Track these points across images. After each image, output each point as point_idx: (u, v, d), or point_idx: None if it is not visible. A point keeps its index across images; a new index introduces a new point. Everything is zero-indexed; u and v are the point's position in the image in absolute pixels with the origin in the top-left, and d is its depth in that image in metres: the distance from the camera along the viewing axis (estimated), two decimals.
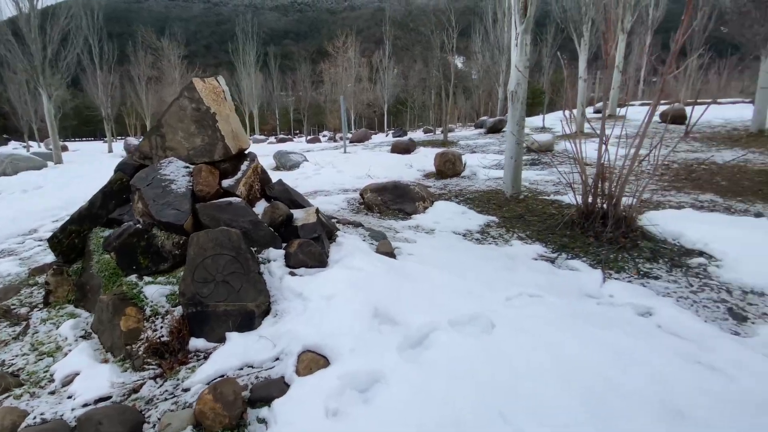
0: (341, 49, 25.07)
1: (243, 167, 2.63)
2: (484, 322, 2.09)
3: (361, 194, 4.92)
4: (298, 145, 17.43)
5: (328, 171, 7.11)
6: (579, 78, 10.66)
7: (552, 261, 3.11)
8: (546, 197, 4.96)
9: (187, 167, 2.40)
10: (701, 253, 3.08)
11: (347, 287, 2.16)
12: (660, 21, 19.01)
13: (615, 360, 1.83)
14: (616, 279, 2.78)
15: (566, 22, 11.54)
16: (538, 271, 2.86)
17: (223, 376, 1.68)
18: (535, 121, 14.75)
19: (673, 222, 3.61)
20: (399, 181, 4.96)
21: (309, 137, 26.26)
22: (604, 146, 3.50)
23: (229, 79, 35.58)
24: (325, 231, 2.77)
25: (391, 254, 2.91)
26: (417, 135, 19.89)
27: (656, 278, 2.76)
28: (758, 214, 4.08)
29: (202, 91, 2.39)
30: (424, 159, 8.13)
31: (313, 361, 1.67)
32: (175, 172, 2.33)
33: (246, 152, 2.83)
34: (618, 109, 14.39)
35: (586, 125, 11.95)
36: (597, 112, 13.81)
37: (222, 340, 1.87)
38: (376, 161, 8.32)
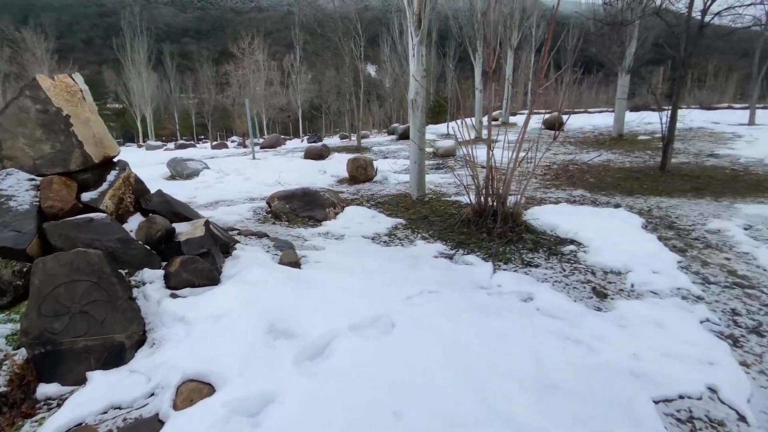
0: (248, 50, 23.85)
1: (110, 178, 2.29)
2: (385, 323, 2.12)
3: (268, 202, 4.70)
4: (200, 151, 16.09)
5: (233, 179, 6.67)
6: (476, 89, 11.65)
7: (451, 258, 3.31)
8: (448, 198, 5.28)
9: (33, 180, 2.01)
10: (572, 241, 3.55)
11: (240, 304, 2.01)
12: (542, 40, 21.70)
13: (500, 345, 1.99)
14: (504, 270, 3.06)
15: (462, 37, 12.54)
16: (438, 268, 3.01)
17: (80, 424, 1.43)
18: (441, 128, 15.75)
19: (551, 215, 4.11)
20: (309, 188, 4.85)
21: (214, 143, 24.43)
22: (492, 151, 3.84)
23: (115, 78, 31.44)
24: (218, 244, 2.57)
25: (296, 264, 2.81)
26: (333, 141, 19.81)
27: (537, 266, 3.10)
28: (617, 205, 4.85)
29: (51, 90, 2.03)
30: (339, 165, 8.10)
31: (194, 390, 1.51)
32: (16, 186, 1.93)
33: (115, 160, 2.48)
34: (510, 117, 16.07)
35: (484, 132, 13.11)
36: (494, 120, 15.22)
37: (82, 381, 1.59)
38: (287, 167, 8.06)
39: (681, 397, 1.70)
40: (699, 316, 2.36)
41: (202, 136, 36.82)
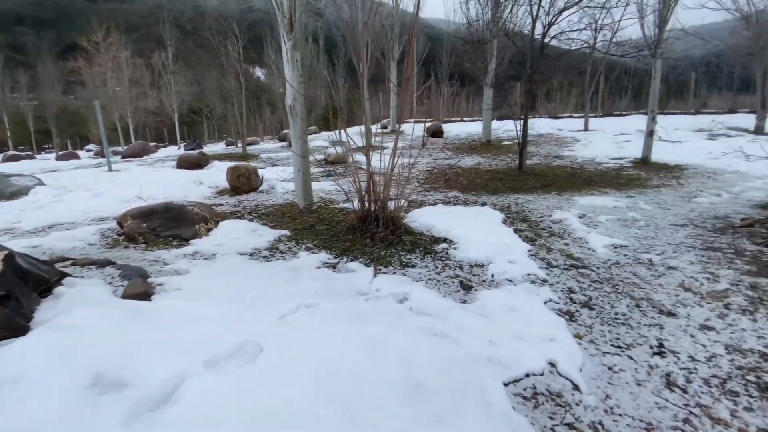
0: (102, 44, 20.49)
1: None
2: (251, 351, 1.92)
3: (119, 223, 4.00)
4: (39, 164, 13.20)
5: (78, 196, 5.56)
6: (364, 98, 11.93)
7: (334, 266, 3.23)
8: (337, 206, 5.23)
9: None
10: (445, 240, 3.80)
11: (53, 357, 1.61)
12: (424, 54, 23.40)
13: (372, 351, 1.96)
14: (384, 273, 3.10)
15: (347, 47, 12.75)
16: (319, 279, 2.90)
17: None
18: (334, 135, 15.78)
19: (428, 216, 4.36)
20: (173, 203, 4.28)
21: (60, 153, 20.29)
22: (371, 157, 3.90)
23: None
24: (29, 282, 2.03)
25: (145, 295, 2.40)
26: (217, 148, 18.23)
27: (413, 266, 3.22)
28: (483, 203, 5.39)
29: None
30: (219, 174, 7.41)
31: None
32: None
33: None
34: (398, 125, 16.91)
35: (374, 139, 13.52)
36: (384, 128, 15.82)
37: None
38: (154, 179, 7.07)
39: (527, 375, 1.89)
40: (544, 297, 2.70)
41: (47, 145, 30.40)
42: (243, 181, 6.26)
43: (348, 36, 13.07)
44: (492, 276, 3.06)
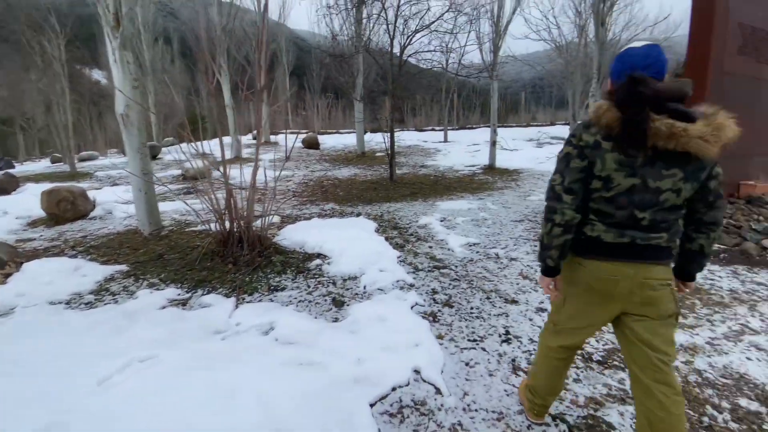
0: None
1: None
2: None
3: None
4: None
5: None
6: (227, 107, 11.06)
7: (184, 303, 2.78)
8: (194, 229, 4.60)
9: None
10: (319, 255, 3.67)
11: None
12: (293, 65, 23.04)
13: (226, 402, 1.68)
14: (249, 302, 2.79)
15: (201, 51, 11.65)
16: (161, 324, 2.43)
17: None
18: (198, 146, 14.21)
19: (302, 232, 4.17)
20: None
21: None
22: (228, 171, 3.52)
23: None
24: None
25: None
26: (38, 166, 14.62)
27: (283, 289, 2.99)
28: (358, 214, 5.45)
29: None
30: (33, 200, 5.84)
31: None
32: None
33: None
34: (272, 136, 16.22)
35: (245, 151, 12.66)
36: (255, 138, 14.96)
37: None
38: None
39: (394, 389, 1.87)
40: (411, 302, 2.79)
41: None
42: (65, 207, 5.05)
43: (200, 39, 12.01)
44: (364, 287, 3.04)
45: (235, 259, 3.47)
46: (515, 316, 2.61)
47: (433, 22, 7.12)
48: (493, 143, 9.18)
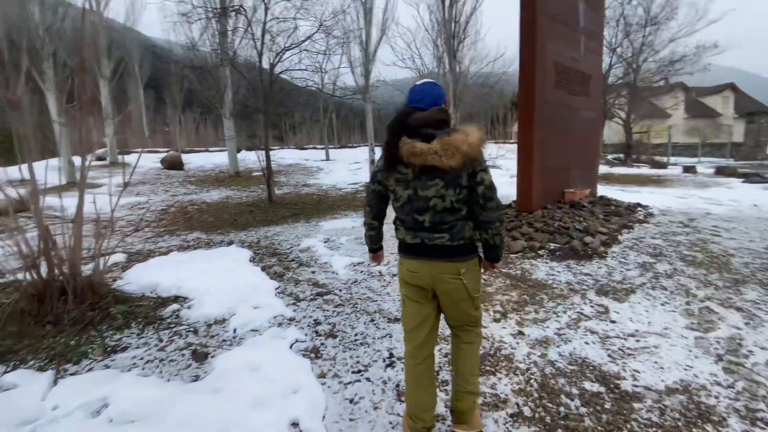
0: None
1: None
2: None
3: None
4: None
5: None
6: (53, 121, 9.01)
7: None
8: (2, 280, 3.46)
9: None
10: (176, 298, 3.11)
11: None
12: (148, 75, 20.32)
13: None
14: (73, 375, 2.15)
15: (19, 52, 9.36)
16: None
17: None
18: (16, 172, 11.19)
19: (154, 271, 3.50)
20: None
21: None
22: (43, 201, 2.73)
23: None
24: None
25: None
26: None
27: (124, 349, 2.41)
28: (230, 242, 4.90)
29: None
30: None
31: None
32: None
33: None
34: (122, 156, 13.86)
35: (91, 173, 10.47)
36: (99, 159, 12.57)
37: None
38: None
39: None
40: (290, 339, 2.53)
41: None
42: None
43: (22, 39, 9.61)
44: (234, 331, 2.66)
45: (57, 318, 2.68)
46: (398, 336, 2.58)
47: (303, 42, 7.05)
48: (372, 161, 9.50)
